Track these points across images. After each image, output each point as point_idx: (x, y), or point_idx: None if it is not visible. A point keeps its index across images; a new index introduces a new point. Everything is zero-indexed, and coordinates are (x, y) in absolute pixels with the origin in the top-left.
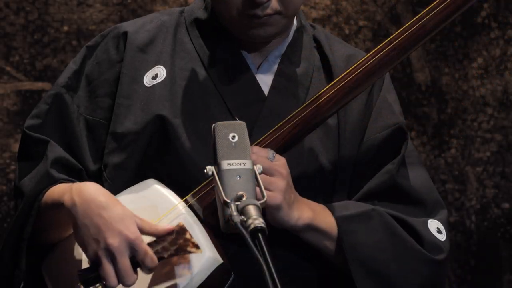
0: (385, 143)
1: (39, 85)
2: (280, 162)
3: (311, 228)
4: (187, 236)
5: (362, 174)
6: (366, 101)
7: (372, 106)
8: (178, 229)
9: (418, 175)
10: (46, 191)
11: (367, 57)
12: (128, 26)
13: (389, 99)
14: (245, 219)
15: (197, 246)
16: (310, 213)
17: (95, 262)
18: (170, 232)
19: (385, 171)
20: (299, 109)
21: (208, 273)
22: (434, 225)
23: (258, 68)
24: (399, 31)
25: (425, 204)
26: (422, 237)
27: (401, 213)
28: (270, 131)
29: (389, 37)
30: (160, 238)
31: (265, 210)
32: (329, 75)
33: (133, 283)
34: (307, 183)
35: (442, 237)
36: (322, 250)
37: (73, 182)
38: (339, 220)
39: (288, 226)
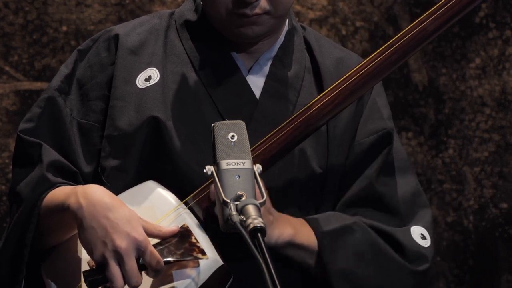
0: (372, 148)
1: (38, 85)
2: None
3: (292, 244)
4: (193, 239)
5: (350, 178)
6: (356, 105)
7: (362, 110)
8: (183, 230)
9: (404, 182)
10: (45, 196)
11: (368, 60)
12: (119, 29)
13: (378, 103)
14: (244, 219)
15: (203, 252)
16: (291, 230)
17: (102, 264)
18: (174, 234)
19: (364, 177)
20: (297, 113)
21: (209, 274)
22: (417, 232)
23: (249, 71)
24: (399, 34)
25: (407, 212)
26: (404, 248)
27: (382, 222)
28: (266, 138)
29: (386, 37)
30: (164, 239)
31: None
32: (319, 78)
33: (139, 284)
34: (298, 187)
35: (426, 243)
36: (304, 266)
37: (70, 185)
38: (320, 236)
39: (269, 245)
